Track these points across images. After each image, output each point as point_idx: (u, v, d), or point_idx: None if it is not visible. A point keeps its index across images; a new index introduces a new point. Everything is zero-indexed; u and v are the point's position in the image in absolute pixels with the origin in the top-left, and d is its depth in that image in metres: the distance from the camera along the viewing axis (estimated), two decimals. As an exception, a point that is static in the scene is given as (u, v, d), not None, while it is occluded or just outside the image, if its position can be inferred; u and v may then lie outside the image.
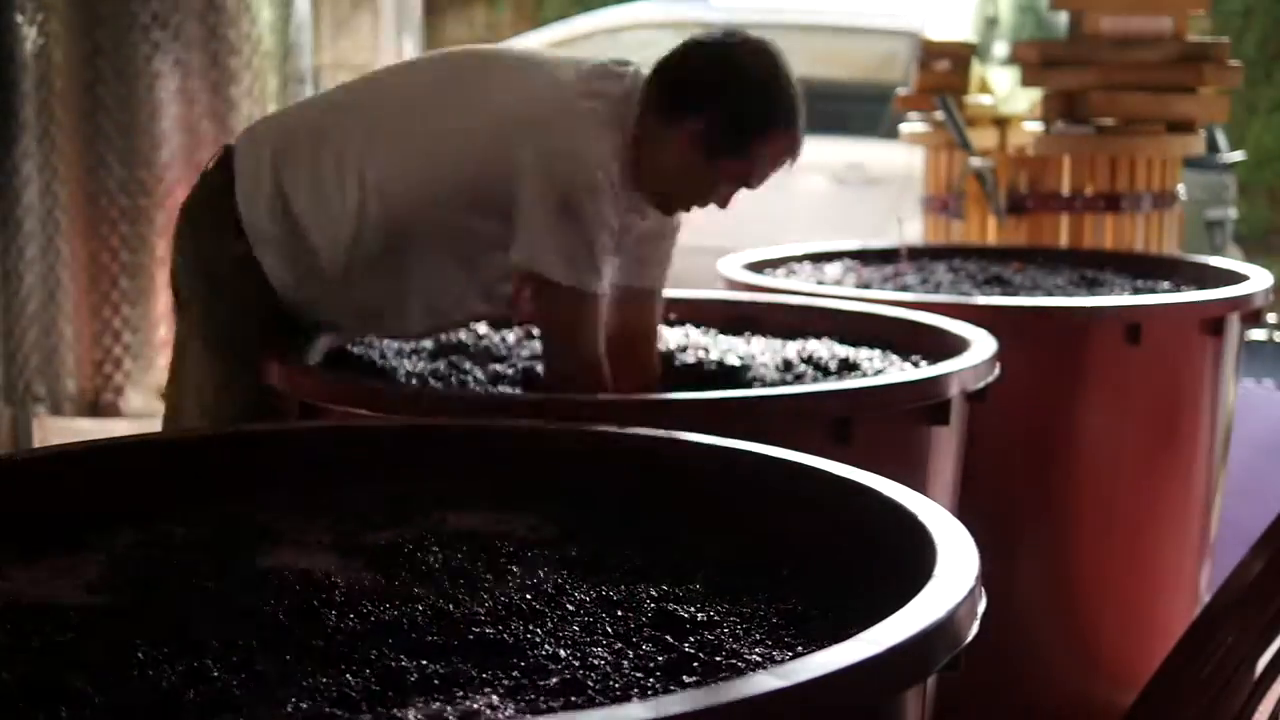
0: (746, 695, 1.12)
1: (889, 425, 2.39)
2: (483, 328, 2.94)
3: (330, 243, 2.56)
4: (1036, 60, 4.82)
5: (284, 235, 2.58)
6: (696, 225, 2.87)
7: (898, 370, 2.68)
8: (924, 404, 2.41)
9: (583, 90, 2.52)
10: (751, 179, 2.57)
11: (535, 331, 2.72)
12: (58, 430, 4.68)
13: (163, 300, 4.01)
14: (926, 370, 2.46)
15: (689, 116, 2.49)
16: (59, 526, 1.74)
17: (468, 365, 2.67)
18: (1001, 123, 5.34)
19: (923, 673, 1.29)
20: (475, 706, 1.27)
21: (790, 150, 2.56)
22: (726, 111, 2.49)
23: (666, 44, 2.71)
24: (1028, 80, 4.93)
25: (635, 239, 2.65)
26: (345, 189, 2.54)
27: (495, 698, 1.29)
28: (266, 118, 2.85)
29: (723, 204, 2.61)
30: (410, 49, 8.22)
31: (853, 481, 1.69)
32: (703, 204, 2.61)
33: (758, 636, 1.46)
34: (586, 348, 2.46)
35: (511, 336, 2.94)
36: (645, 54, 2.67)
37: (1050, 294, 3.58)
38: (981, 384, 2.54)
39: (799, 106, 2.55)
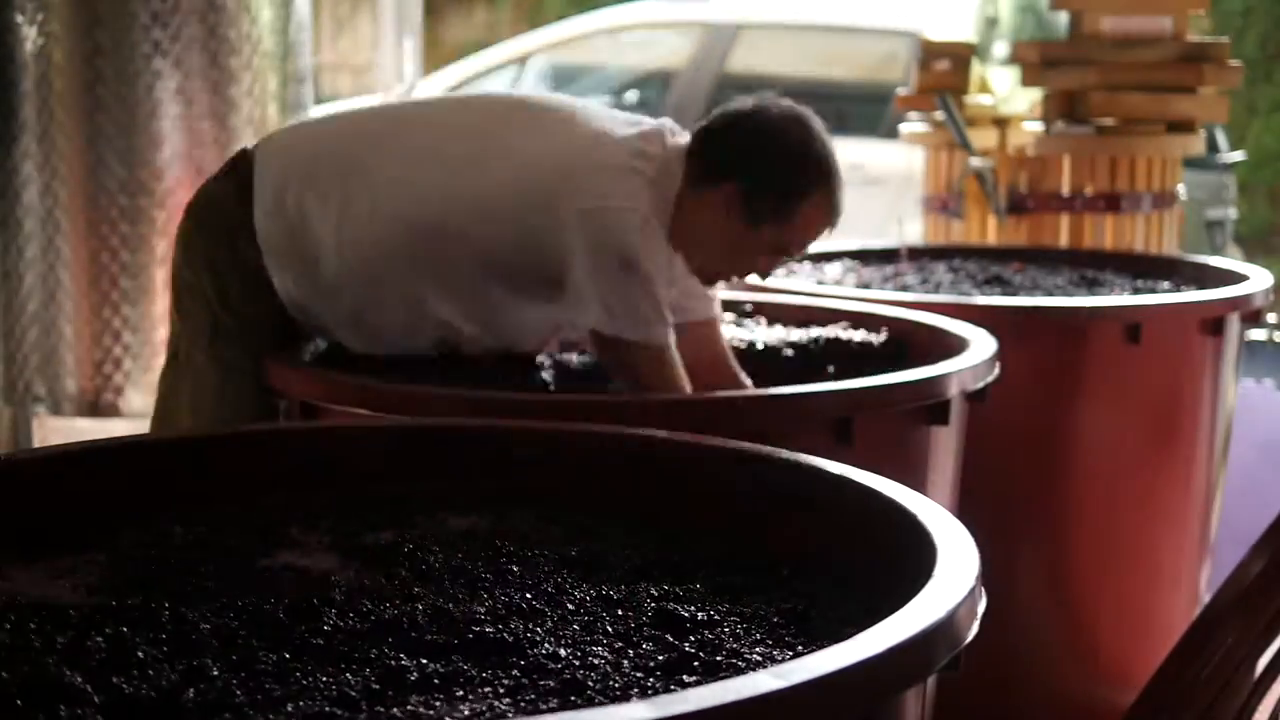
0: (746, 695, 1.12)
1: (889, 425, 2.39)
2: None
3: (349, 272, 2.54)
4: (1036, 60, 4.82)
5: (300, 257, 2.56)
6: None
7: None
8: (924, 404, 2.41)
9: (631, 149, 2.51)
10: (792, 246, 2.58)
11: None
12: (58, 430, 4.68)
13: (162, 300, 4.01)
14: (926, 370, 2.46)
15: (728, 180, 2.50)
16: (59, 526, 1.74)
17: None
18: (1001, 123, 5.34)
19: (923, 673, 1.29)
20: (475, 706, 1.27)
21: (830, 215, 2.56)
22: (767, 175, 2.51)
23: (667, 44, 2.73)
24: (1028, 80, 4.93)
25: (679, 278, 2.64)
26: (374, 224, 2.51)
27: (495, 697, 1.29)
28: (289, 131, 2.79)
29: (763, 273, 2.63)
30: (410, 49, 8.22)
31: (853, 481, 1.69)
32: (742, 273, 2.62)
33: (758, 636, 1.46)
34: (671, 390, 2.47)
35: None
36: (645, 54, 2.68)
37: (1050, 294, 3.58)
38: (981, 384, 2.54)
39: (837, 171, 2.56)
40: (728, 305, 3.21)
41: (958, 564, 1.41)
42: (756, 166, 2.51)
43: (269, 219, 2.57)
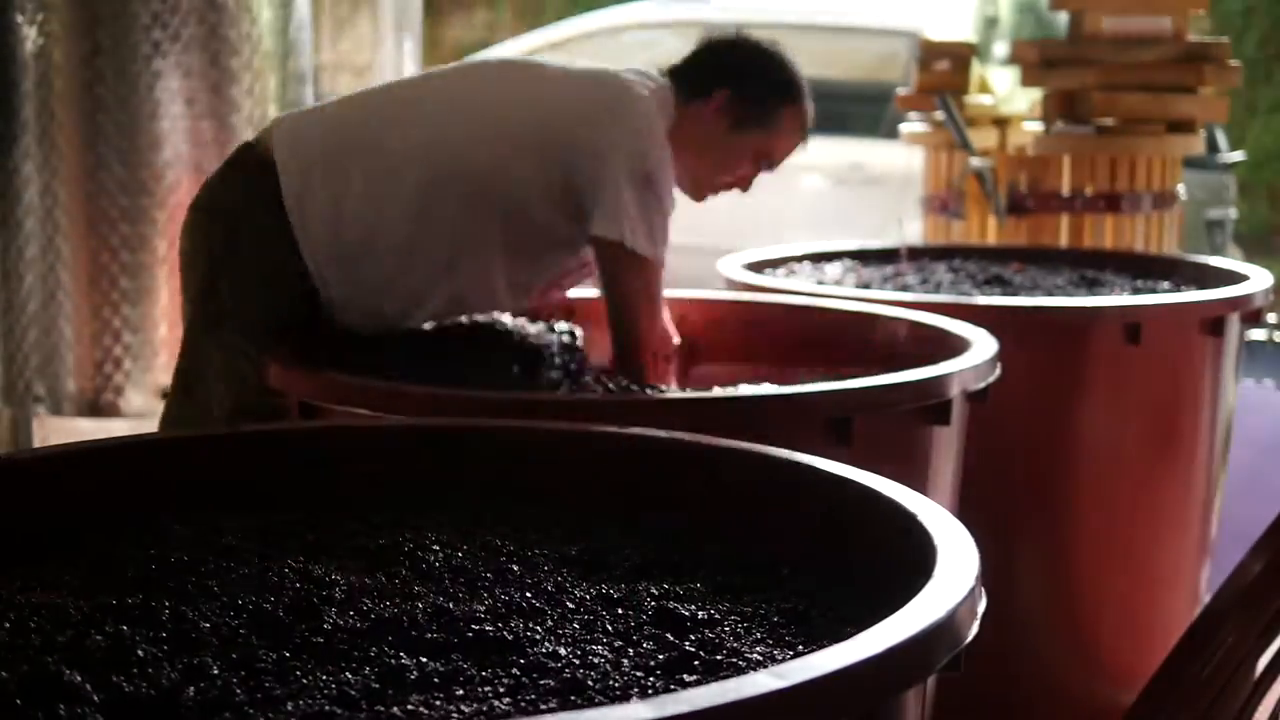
0: (746, 695, 1.12)
1: (889, 425, 2.39)
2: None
3: (383, 242, 2.63)
4: (1036, 60, 4.82)
5: (335, 239, 2.63)
6: (696, 225, 2.94)
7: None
8: (924, 404, 2.41)
9: (642, 82, 2.72)
10: (774, 154, 2.83)
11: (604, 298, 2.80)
12: (58, 430, 4.68)
13: (163, 300, 4.01)
14: (927, 370, 2.46)
15: (715, 92, 2.76)
16: (59, 526, 1.74)
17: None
18: (1001, 123, 5.34)
19: (923, 673, 1.29)
20: (475, 705, 1.27)
21: (804, 128, 2.85)
22: (751, 81, 2.79)
23: (666, 44, 2.79)
24: (1028, 80, 4.93)
25: None
26: (402, 188, 2.61)
27: (495, 696, 1.29)
28: (304, 116, 2.83)
29: (745, 186, 2.86)
30: (410, 49, 8.22)
31: (853, 481, 1.69)
32: (728, 184, 2.84)
33: (758, 635, 1.46)
34: (659, 315, 2.70)
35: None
36: (645, 54, 2.73)
37: (1050, 294, 3.58)
38: (982, 384, 2.54)
39: (808, 92, 2.88)
40: (724, 306, 3.21)
41: (958, 564, 1.41)
42: (747, 74, 2.81)
43: (301, 205, 2.63)
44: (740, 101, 2.78)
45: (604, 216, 2.62)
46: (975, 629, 1.34)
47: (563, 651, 1.38)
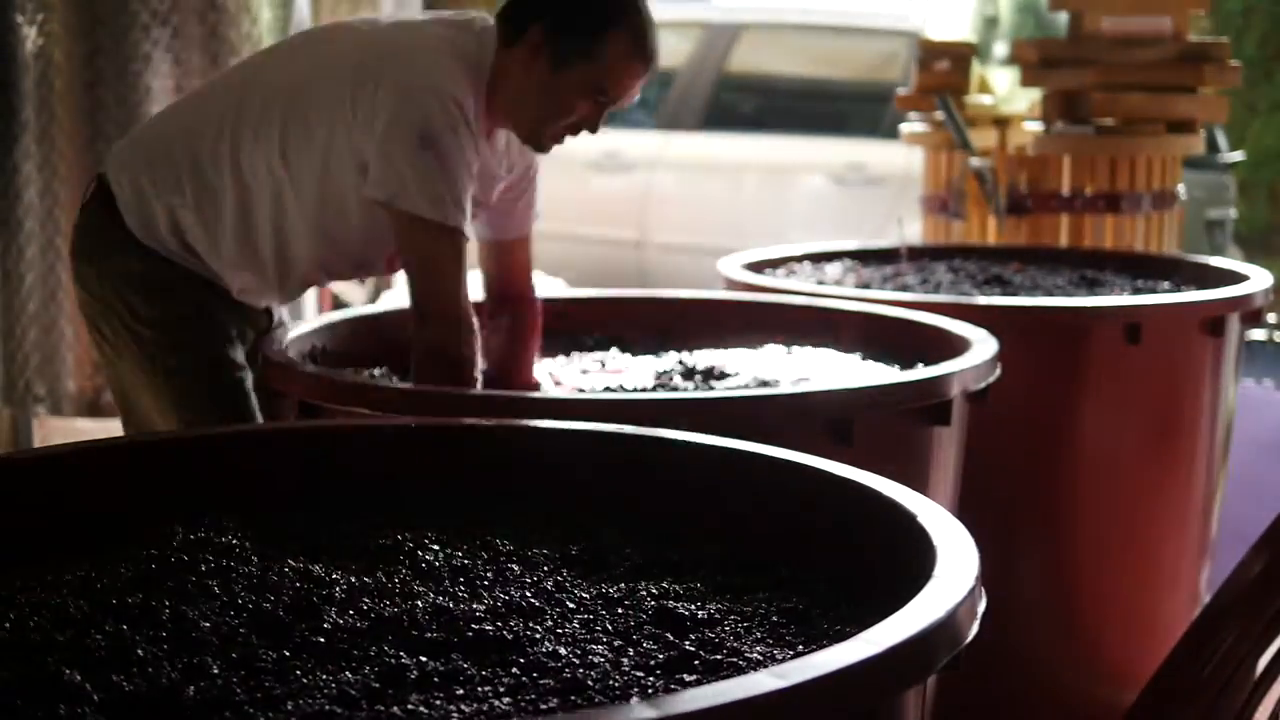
0: (746, 695, 1.12)
1: (889, 425, 2.39)
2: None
3: (220, 241, 2.60)
4: (1036, 60, 4.82)
5: (182, 235, 2.61)
6: (697, 225, 2.89)
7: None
8: (925, 404, 2.41)
9: (434, 28, 2.57)
10: (608, 88, 2.54)
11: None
12: (58, 430, 4.68)
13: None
14: (927, 370, 2.46)
15: (530, 29, 2.52)
16: (59, 526, 1.74)
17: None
18: (1001, 123, 5.34)
19: (923, 673, 1.29)
20: (475, 704, 1.27)
21: (641, 54, 2.54)
22: (568, 11, 2.53)
23: (667, 44, 2.71)
24: (1028, 80, 4.93)
25: (500, 194, 2.71)
26: (224, 189, 2.58)
27: (495, 695, 1.29)
28: (127, 138, 2.84)
29: (591, 127, 2.59)
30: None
31: (853, 481, 1.69)
32: (568, 125, 2.58)
33: (759, 635, 1.46)
34: (451, 283, 2.48)
35: None
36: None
37: (1050, 294, 3.58)
38: (983, 384, 2.54)
39: (643, 10, 2.55)
40: (725, 306, 3.21)
41: (958, 564, 1.41)
42: (558, 5, 2.54)
43: (139, 215, 2.61)
44: (556, 36, 2.51)
45: (375, 175, 2.46)
46: (975, 629, 1.34)
47: (563, 651, 1.38)
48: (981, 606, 1.38)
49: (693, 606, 1.51)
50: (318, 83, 2.56)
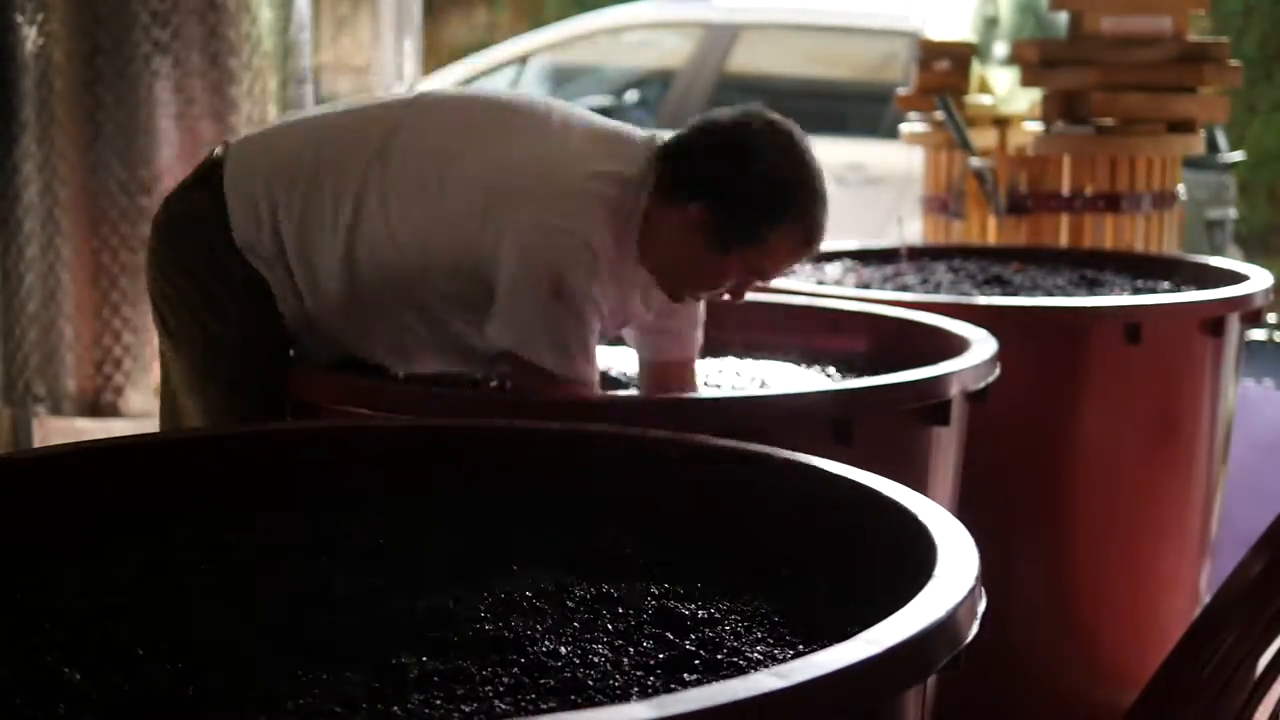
0: (746, 695, 1.12)
1: (889, 425, 2.39)
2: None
3: (309, 276, 2.46)
4: (1036, 60, 4.82)
5: (278, 258, 2.48)
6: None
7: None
8: (924, 404, 2.41)
9: (589, 164, 2.38)
10: (765, 271, 2.41)
11: None
12: (58, 430, 4.67)
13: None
14: (927, 370, 2.46)
15: (693, 202, 2.34)
16: (59, 526, 1.74)
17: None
18: (1001, 123, 5.34)
19: (923, 673, 1.29)
20: (475, 704, 1.27)
21: (806, 242, 2.41)
22: (736, 200, 2.33)
23: (667, 44, 2.70)
24: (1028, 80, 4.93)
25: (659, 310, 2.54)
26: (337, 225, 2.42)
27: (496, 695, 1.29)
28: (257, 135, 2.71)
29: (736, 295, 2.46)
30: (410, 49, 8.22)
31: (853, 481, 1.69)
32: (712, 294, 2.47)
33: (759, 635, 1.46)
34: None
35: None
36: (645, 54, 2.69)
37: (1050, 294, 3.58)
38: (982, 384, 2.54)
39: (818, 195, 2.39)
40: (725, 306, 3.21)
41: (958, 564, 1.41)
42: (726, 189, 2.34)
43: (247, 221, 2.48)
44: (718, 220, 2.33)
45: (499, 323, 2.33)
46: (975, 629, 1.34)
47: (563, 650, 1.38)
48: (981, 606, 1.38)
49: (693, 606, 1.51)
50: (457, 180, 2.38)
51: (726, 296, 2.47)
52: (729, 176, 2.34)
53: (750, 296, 3.11)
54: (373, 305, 2.45)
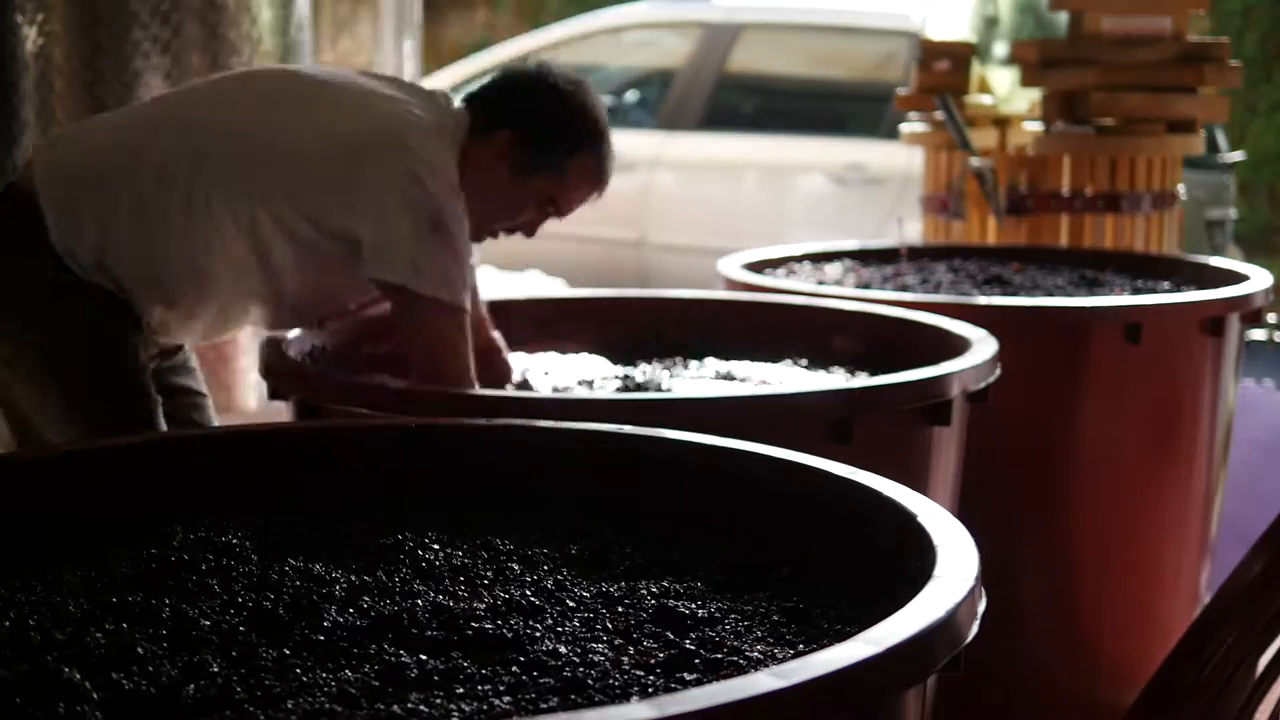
0: (746, 695, 1.12)
1: (889, 425, 2.39)
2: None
3: (157, 264, 2.51)
4: (1036, 60, 4.82)
5: (105, 257, 2.50)
6: (697, 225, 2.88)
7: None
8: (924, 404, 2.41)
9: (415, 103, 2.57)
10: (559, 202, 2.64)
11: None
12: (58, 430, 4.66)
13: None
14: (927, 370, 2.46)
15: (501, 130, 2.58)
16: (59, 526, 1.74)
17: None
18: (1001, 123, 5.34)
19: (923, 673, 1.29)
20: (475, 703, 1.27)
21: (598, 178, 2.65)
22: (538, 126, 2.59)
23: (667, 44, 2.73)
24: (1028, 80, 4.93)
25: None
26: (170, 207, 2.48)
27: (495, 694, 1.29)
28: (62, 135, 2.72)
29: (529, 230, 2.69)
30: (410, 49, 8.23)
31: (853, 481, 1.69)
32: (510, 227, 2.67)
33: (759, 634, 1.46)
34: (462, 361, 2.50)
35: None
36: (645, 54, 2.69)
37: (1050, 294, 3.58)
38: (982, 384, 2.54)
39: (608, 138, 2.66)
40: (724, 306, 3.21)
41: (958, 564, 1.41)
42: (533, 116, 2.60)
43: (65, 224, 2.49)
44: (523, 146, 2.59)
45: (384, 260, 2.47)
46: (975, 629, 1.34)
47: (563, 649, 1.38)
48: (981, 606, 1.38)
49: (693, 605, 1.51)
50: (304, 149, 2.51)
51: (519, 235, 2.69)
52: (532, 108, 2.62)
53: (750, 296, 3.12)
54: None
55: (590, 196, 2.67)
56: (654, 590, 1.56)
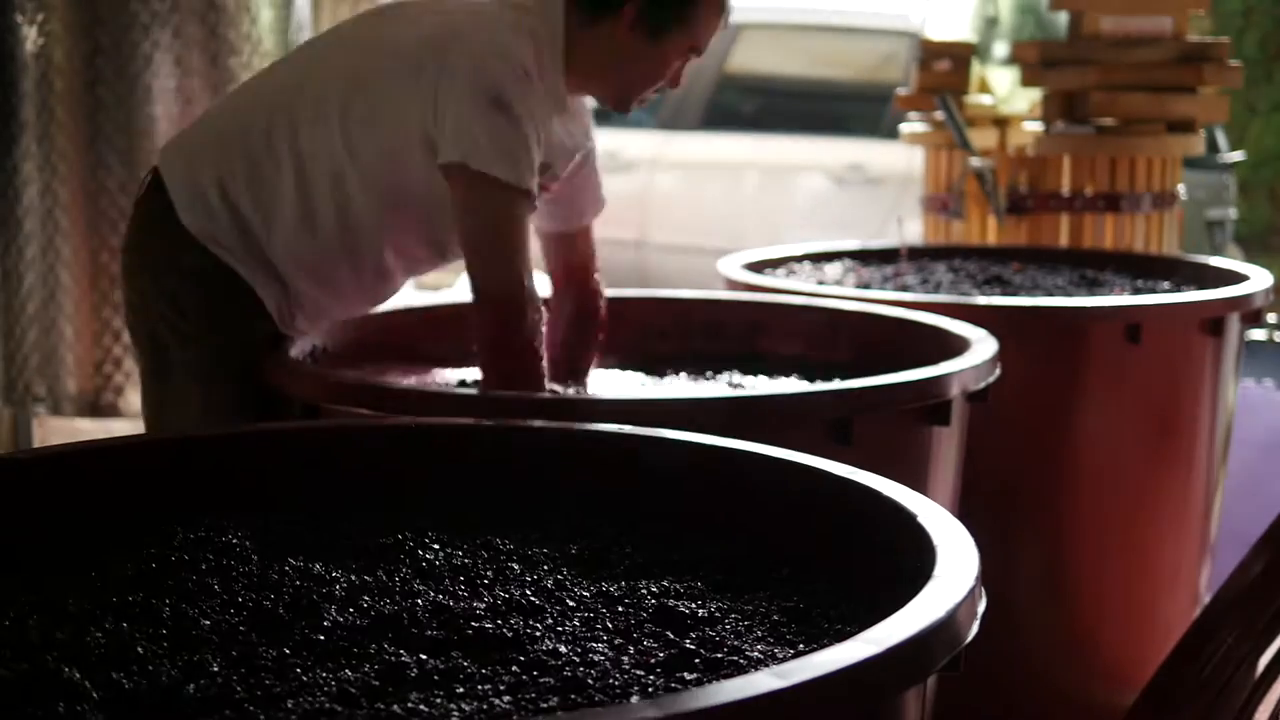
0: (746, 695, 1.12)
1: (889, 425, 2.39)
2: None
3: (278, 225, 2.55)
4: (1036, 60, 4.82)
5: (236, 230, 2.56)
6: (697, 225, 2.88)
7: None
8: (924, 404, 2.41)
9: (496, 8, 2.55)
10: (699, 44, 2.59)
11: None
12: (58, 430, 4.68)
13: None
14: (927, 370, 2.46)
15: (625, 7, 2.52)
16: (59, 526, 1.74)
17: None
18: (1001, 123, 5.34)
19: (923, 673, 1.29)
20: (475, 702, 1.27)
21: (724, 6, 2.59)
22: None
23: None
24: (1028, 80, 4.93)
25: (564, 180, 2.69)
26: (281, 170, 2.53)
27: (495, 694, 1.29)
28: (182, 132, 2.81)
29: (675, 82, 2.64)
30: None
31: (853, 481, 1.69)
32: (656, 88, 2.64)
33: (759, 634, 1.46)
34: (516, 256, 2.42)
35: None
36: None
37: (1050, 294, 3.58)
38: (982, 384, 2.54)
39: None
40: (725, 306, 3.21)
41: (958, 564, 1.41)
42: None
43: (194, 211, 2.55)
44: (649, 12, 2.52)
45: (446, 141, 2.42)
46: (975, 629, 1.34)
47: (563, 649, 1.38)
48: (981, 606, 1.38)
49: (693, 605, 1.51)
50: (381, 62, 2.53)
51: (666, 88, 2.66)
52: None
53: (750, 296, 3.13)
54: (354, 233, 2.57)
55: (721, 26, 2.62)
56: (654, 590, 1.56)
